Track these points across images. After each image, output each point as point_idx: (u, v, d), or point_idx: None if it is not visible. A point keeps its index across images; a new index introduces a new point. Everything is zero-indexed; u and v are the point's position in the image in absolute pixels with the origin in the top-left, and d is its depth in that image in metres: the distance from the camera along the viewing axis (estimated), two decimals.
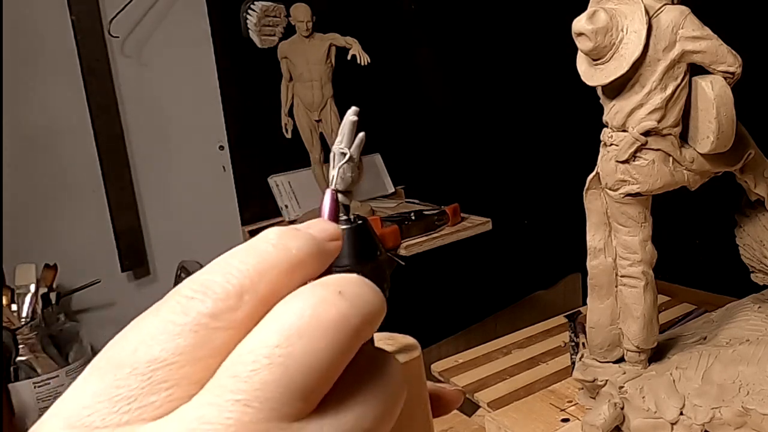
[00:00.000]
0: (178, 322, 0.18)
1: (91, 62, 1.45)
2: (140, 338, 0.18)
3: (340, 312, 0.18)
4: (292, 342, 0.17)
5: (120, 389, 0.17)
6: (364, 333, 0.19)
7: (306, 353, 0.17)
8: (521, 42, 1.91)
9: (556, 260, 2.02)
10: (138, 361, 0.17)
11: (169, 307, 0.18)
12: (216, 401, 0.17)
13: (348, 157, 0.25)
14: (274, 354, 0.17)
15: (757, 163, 0.76)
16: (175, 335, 0.17)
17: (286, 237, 0.20)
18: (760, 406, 0.68)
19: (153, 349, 0.17)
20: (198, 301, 0.18)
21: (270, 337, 0.17)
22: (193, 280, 0.19)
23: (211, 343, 0.18)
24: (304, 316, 0.18)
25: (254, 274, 0.19)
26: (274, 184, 1.72)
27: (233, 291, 0.18)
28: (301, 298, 0.18)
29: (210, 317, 0.18)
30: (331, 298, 0.18)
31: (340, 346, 0.18)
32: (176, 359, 0.17)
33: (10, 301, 1.25)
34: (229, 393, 0.17)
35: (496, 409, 0.90)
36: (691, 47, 0.64)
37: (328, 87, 1.56)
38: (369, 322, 0.19)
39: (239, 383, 0.17)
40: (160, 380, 0.17)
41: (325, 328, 0.18)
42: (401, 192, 1.86)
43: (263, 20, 1.61)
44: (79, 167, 1.48)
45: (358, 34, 1.55)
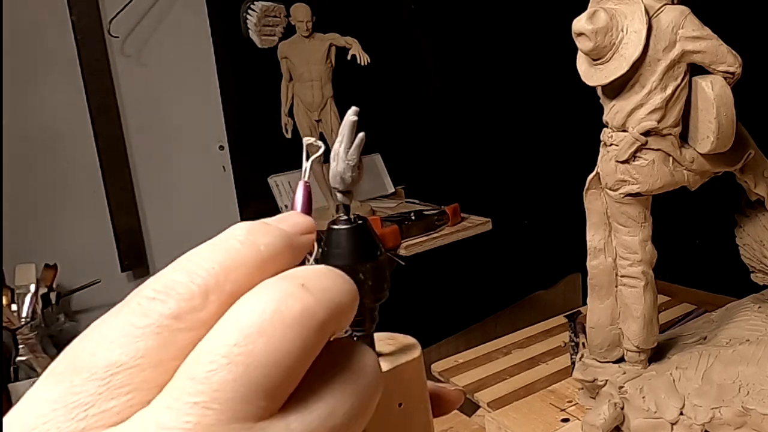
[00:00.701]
0: (139, 324, 0.17)
1: (91, 62, 1.45)
2: (99, 342, 0.17)
3: (304, 305, 0.17)
4: (252, 339, 0.17)
5: (77, 395, 0.16)
6: (330, 326, 0.18)
7: (267, 351, 0.17)
8: (521, 42, 1.91)
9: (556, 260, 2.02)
10: (96, 366, 0.17)
11: (130, 309, 0.17)
12: (174, 405, 0.16)
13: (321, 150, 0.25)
14: (232, 353, 0.16)
15: (757, 163, 0.76)
16: (135, 338, 0.17)
17: (255, 233, 0.19)
18: (760, 406, 0.68)
19: (112, 352, 0.17)
20: (159, 302, 0.17)
21: (228, 336, 0.17)
22: (156, 280, 0.18)
23: (173, 345, 0.17)
24: (265, 312, 0.17)
25: (220, 272, 0.18)
26: (274, 184, 1.72)
27: (198, 291, 0.17)
28: (262, 294, 0.18)
29: (172, 318, 0.17)
30: (295, 292, 0.17)
31: (305, 342, 0.17)
32: (137, 363, 0.17)
33: (10, 301, 1.25)
34: (187, 395, 0.16)
35: (496, 409, 0.90)
36: (691, 47, 0.64)
37: (328, 87, 1.56)
38: (336, 314, 0.18)
39: (197, 385, 0.16)
40: (119, 385, 0.16)
41: (288, 324, 0.17)
42: (401, 192, 1.86)
43: (263, 20, 1.61)
44: (79, 167, 1.48)
45: (358, 34, 1.55)
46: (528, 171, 2.03)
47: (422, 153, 1.94)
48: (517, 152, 2.01)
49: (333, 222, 0.24)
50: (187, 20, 1.58)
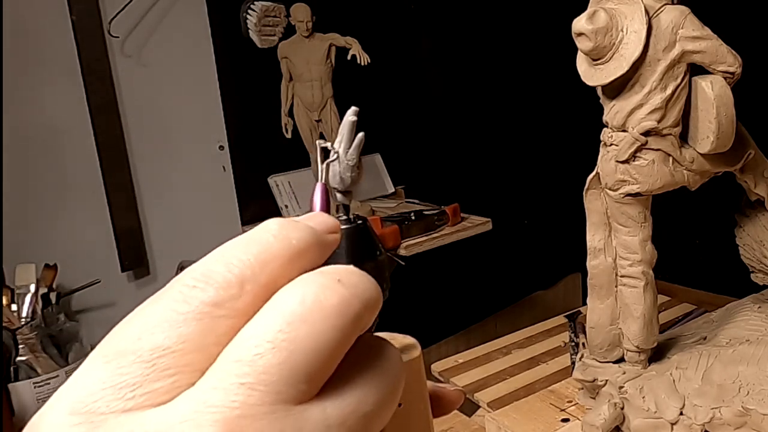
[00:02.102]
0: (181, 311, 0.18)
1: (91, 62, 1.45)
2: (143, 326, 0.18)
3: (342, 298, 0.18)
4: (295, 327, 0.18)
5: (124, 376, 0.17)
6: (364, 319, 0.19)
7: (309, 337, 0.18)
8: (521, 42, 1.91)
9: (556, 260, 2.02)
10: (142, 349, 0.17)
11: (171, 296, 0.18)
12: (221, 385, 0.17)
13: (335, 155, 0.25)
14: (277, 338, 0.17)
15: (757, 163, 0.76)
16: (178, 323, 0.18)
17: (287, 228, 0.20)
18: (760, 406, 0.68)
19: (156, 336, 0.18)
20: (200, 290, 0.18)
21: (273, 323, 0.18)
22: (194, 270, 0.19)
23: (214, 331, 0.18)
24: (306, 301, 0.18)
25: (255, 264, 0.19)
26: (274, 184, 1.72)
27: (235, 280, 0.18)
28: (302, 285, 0.19)
29: (212, 306, 0.18)
30: (332, 285, 0.19)
31: (342, 331, 0.18)
32: (180, 347, 0.17)
33: (10, 301, 1.25)
34: (233, 377, 0.17)
35: (496, 409, 0.90)
36: (691, 47, 0.64)
37: (328, 87, 1.56)
38: (368, 308, 0.19)
39: (243, 367, 0.17)
40: (164, 367, 0.17)
41: (327, 313, 0.18)
42: (401, 192, 1.86)
43: (263, 20, 1.61)
44: (79, 167, 1.48)
45: (358, 34, 1.55)
46: (528, 171, 2.03)
47: (422, 153, 1.94)
48: (517, 152, 2.01)
49: None
50: (187, 20, 1.58)
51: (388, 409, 0.20)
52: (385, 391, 0.19)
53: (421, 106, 1.94)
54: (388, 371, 0.20)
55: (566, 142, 1.66)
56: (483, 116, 1.99)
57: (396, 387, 0.20)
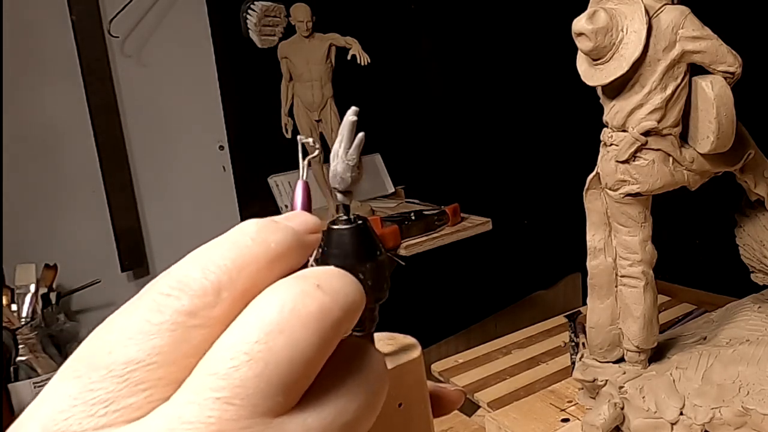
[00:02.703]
0: (154, 321, 0.17)
1: (91, 62, 1.45)
2: (115, 339, 0.17)
3: (321, 305, 0.18)
4: (272, 337, 0.17)
5: (96, 392, 0.17)
6: (344, 325, 0.18)
7: (287, 348, 0.17)
8: (521, 42, 1.91)
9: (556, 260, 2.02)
10: (114, 363, 0.17)
11: (145, 305, 0.18)
12: (196, 400, 0.16)
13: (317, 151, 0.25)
14: (253, 350, 0.17)
15: (757, 163, 0.76)
16: (151, 335, 0.17)
17: (266, 230, 0.19)
18: (760, 406, 0.68)
19: (129, 349, 0.17)
20: (174, 299, 0.18)
21: (249, 333, 0.17)
22: (169, 276, 0.18)
23: (188, 342, 0.17)
24: (284, 310, 0.17)
25: (233, 269, 0.18)
26: (274, 184, 1.72)
27: (211, 287, 0.18)
28: (280, 292, 0.18)
29: (187, 315, 0.17)
30: (311, 291, 0.18)
31: (321, 340, 0.18)
32: (153, 360, 0.17)
33: (10, 301, 1.25)
34: (209, 391, 0.16)
35: (496, 409, 0.90)
36: (691, 47, 0.64)
37: (328, 87, 1.56)
38: (349, 313, 0.19)
39: (219, 381, 0.16)
40: (138, 381, 0.17)
41: (305, 322, 0.17)
42: (401, 192, 1.86)
43: (263, 20, 1.61)
44: (79, 167, 1.48)
45: (358, 34, 1.55)
46: (528, 171, 2.03)
47: (422, 153, 1.94)
48: (517, 152, 2.01)
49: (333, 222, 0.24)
50: (187, 20, 1.58)
51: (370, 415, 0.19)
52: (366, 399, 0.19)
53: (421, 106, 1.94)
54: (369, 378, 0.19)
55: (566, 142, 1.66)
56: (483, 116, 1.99)
57: (378, 393, 0.20)
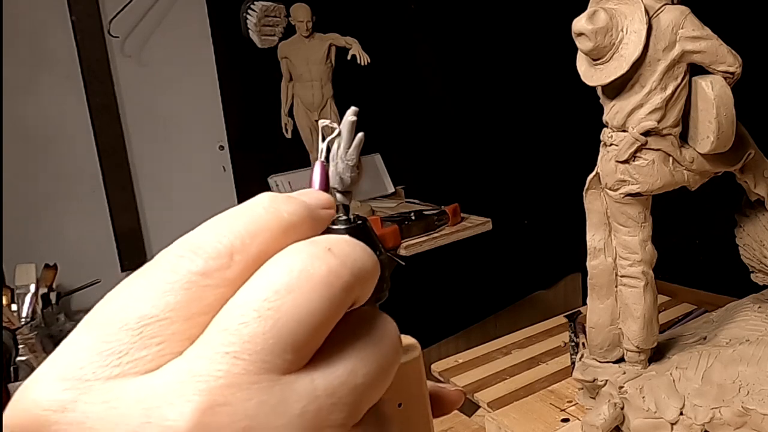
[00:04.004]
0: (169, 280, 0.18)
1: (91, 62, 1.45)
2: (130, 296, 0.18)
3: (330, 267, 0.18)
4: (281, 296, 0.17)
5: (110, 344, 0.17)
6: (355, 289, 0.19)
7: (296, 307, 0.17)
8: (521, 42, 1.91)
9: (556, 260, 2.02)
10: (128, 317, 0.17)
11: (159, 266, 0.18)
12: (206, 354, 0.17)
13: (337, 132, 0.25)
14: (263, 308, 0.17)
15: (757, 163, 0.76)
16: (165, 292, 0.18)
17: (279, 201, 0.20)
18: (760, 406, 0.68)
19: (143, 305, 0.18)
20: (188, 260, 0.18)
21: (259, 292, 0.18)
22: (183, 240, 0.19)
23: (202, 300, 0.18)
24: (293, 270, 0.18)
25: (245, 234, 0.19)
26: (274, 184, 1.72)
27: (224, 250, 0.18)
28: (290, 255, 0.18)
29: (200, 275, 0.18)
30: (321, 254, 0.18)
31: (330, 301, 0.18)
32: (167, 315, 0.17)
33: (10, 301, 1.25)
34: (219, 346, 0.17)
35: (496, 409, 0.90)
36: (691, 47, 0.64)
37: (328, 87, 1.56)
38: (360, 278, 0.19)
39: (229, 336, 0.17)
40: (151, 335, 0.17)
41: (314, 282, 0.18)
42: (401, 192, 1.86)
43: (263, 20, 1.61)
44: (79, 167, 1.48)
45: (358, 34, 1.55)
46: (528, 171, 2.03)
47: (422, 153, 1.94)
48: (517, 152, 2.01)
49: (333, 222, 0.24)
50: (187, 20, 1.58)
51: (381, 382, 0.19)
52: (378, 364, 0.19)
53: (421, 105, 1.93)
54: (381, 343, 0.20)
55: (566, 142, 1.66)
56: (483, 116, 1.99)
57: (390, 360, 0.20)
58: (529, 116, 1.98)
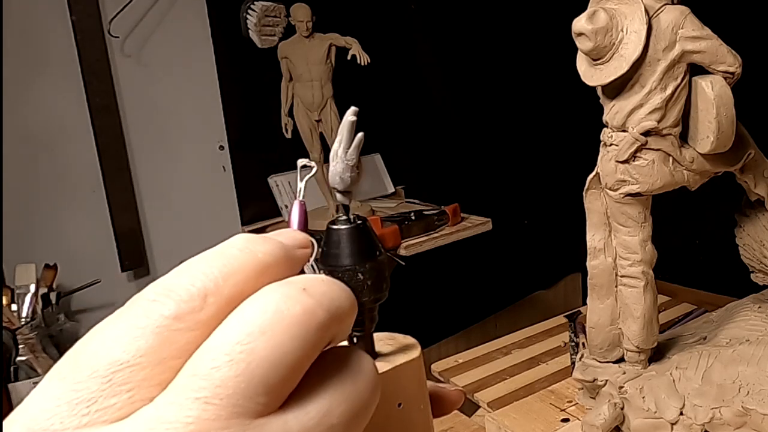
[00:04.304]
0: (140, 325, 0.17)
1: (91, 62, 1.45)
2: (101, 341, 0.18)
3: (305, 307, 0.18)
4: (253, 338, 0.17)
5: (79, 392, 0.17)
6: (330, 329, 0.19)
7: (268, 348, 0.17)
8: (521, 42, 1.91)
9: (556, 260, 2.02)
10: (98, 364, 0.17)
11: (132, 311, 0.18)
12: (176, 400, 0.16)
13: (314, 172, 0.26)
14: (234, 350, 0.17)
15: (757, 163, 0.76)
16: (136, 337, 0.17)
17: (253, 242, 0.20)
18: (760, 406, 0.68)
19: (114, 351, 0.17)
20: (160, 304, 0.18)
21: (231, 335, 0.17)
22: (156, 284, 0.19)
23: (173, 344, 0.17)
24: (266, 311, 0.18)
25: (219, 276, 0.18)
26: (274, 184, 1.72)
27: (197, 293, 0.18)
28: (264, 296, 0.18)
29: (172, 319, 0.18)
30: (296, 295, 0.18)
31: (305, 342, 0.18)
32: (138, 361, 0.17)
33: (10, 301, 1.25)
34: (189, 391, 0.17)
35: (496, 409, 0.90)
36: (691, 47, 0.64)
37: (328, 87, 1.56)
38: (336, 318, 0.19)
39: (199, 381, 0.17)
40: (121, 382, 0.17)
41: (288, 323, 0.17)
42: (401, 192, 1.86)
43: (263, 20, 1.61)
44: (79, 167, 1.48)
45: (358, 34, 1.55)
46: (528, 171, 2.03)
47: (422, 153, 1.94)
48: (517, 152, 2.01)
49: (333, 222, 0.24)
50: (187, 20, 1.58)
51: (357, 421, 0.19)
52: (353, 403, 0.19)
53: (420, 105, 1.93)
54: (357, 382, 0.19)
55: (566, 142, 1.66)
56: (483, 116, 1.99)
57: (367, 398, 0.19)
58: (529, 116, 1.98)
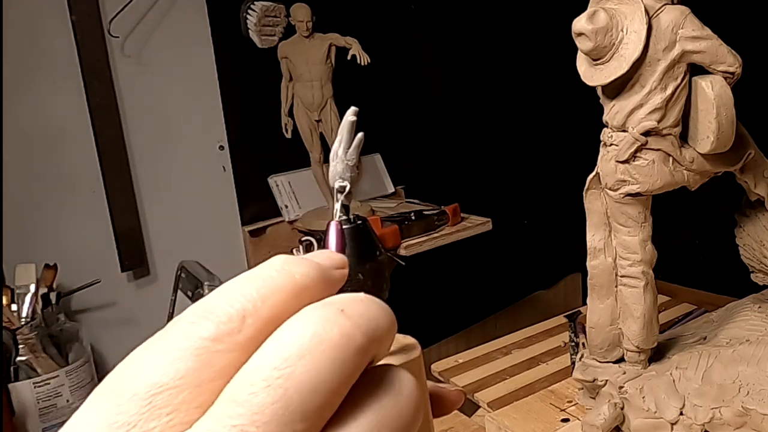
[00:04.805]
0: (180, 347, 0.18)
1: (91, 62, 1.45)
2: (142, 364, 0.18)
3: (343, 330, 0.18)
4: (291, 363, 0.17)
5: (119, 415, 0.17)
6: (370, 351, 0.18)
7: (306, 374, 0.17)
8: (521, 42, 1.91)
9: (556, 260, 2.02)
10: (138, 386, 0.17)
11: (172, 333, 0.18)
12: (213, 428, 0.16)
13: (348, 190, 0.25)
14: (272, 376, 0.17)
15: (757, 163, 0.76)
16: (175, 359, 0.17)
17: (290, 263, 0.20)
18: (760, 406, 0.68)
19: (153, 373, 0.17)
20: (199, 326, 0.18)
21: (269, 360, 0.17)
22: (196, 306, 0.19)
23: (213, 366, 0.17)
24: (304, 336, 0.17)
25: (257, 298, 0.18)
26: (274, 184, 1.72)
27: (235, 314, 0.18)
28: (302, 320, 0.18)
29: (211, 340, 0.18)
30: (334, 318, 0.18)
31: (343, 366, 0.18)
32: (177, 383, 0.17)
33: (10, 301, 1.25)
34: (227, 418, 0.16)
35: (496, 409, 0.90)
36: (691, 47, 0.64)
37: (328, 87, 1.56)
38: (375, 339, 0.19)
39: (237, 408, 0.17)
40: (161, 405, 0.17)
41: (326, 348, 0.17)
42: (401, 192, 1.86)
43: (263, 20, 1.61)
44: (79, 167, 1.48)
45: (358, 34, 1.55)
46: (528, 171, 2.03)
47: (422, 153, 1.94)
48: (517, 152, 2.01)
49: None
50: (187, 20, 1.58)
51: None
52: (395, 424, 0.19)
53: (421, 105, 1.93)
54: (399, 404, 0.19)
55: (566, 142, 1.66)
56: (483, 116, 1.99)
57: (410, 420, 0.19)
58: (529, 116, 1.98)
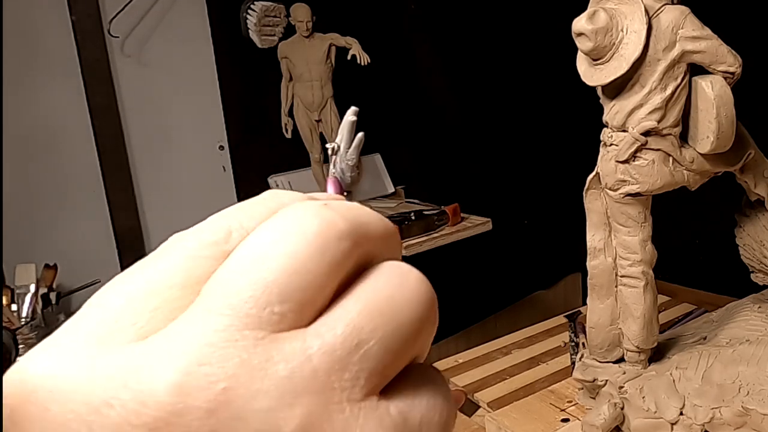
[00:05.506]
0: (168, 256, 0.18)
1: (91, 62, 1.45)
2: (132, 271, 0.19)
3: (323, 217, 0.18)
4: (265, 248, 0.17)
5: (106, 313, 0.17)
6: (356, 243, 0.18)
7: (281, 257, 0.17)
8: (521, 42, 1.91)
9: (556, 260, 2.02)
10: (127, 289, 0.18)
11: (165, 247, 0.19)
12: (188, 317, 0.17)
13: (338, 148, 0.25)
14: (244, 263, 0.17)
15: (757, 163, 0.76)
16: (158, 266, 0.18)
17: (279, 193, 0.20)
18: (760, 406, 0.68)
19: (145, 278, 0.18)
20: (186, 241, 0.19)
21: (244, 249, 0.17)
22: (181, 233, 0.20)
23: (198, 269, 0.18)
24: (282, 224, 0.18)
25: (243, 217, 0.19)
26: (274, 184, 1.72)
27: (221, 230, 0.18)
28: (281, 213, 0.18)
29: (197, 249, 0.18)
30: (314, 209, 0.18)
31: (323, 250, 0.17)
32: (168, 284, 0.18)
33: (10, 301, 1.25)
34: (201, 307, 0.17)
35: (496, 409, 0.90)
36: (691, 47, 0.64)
37: (328, 87, 1.56)
38: (362, 232, 0.18)
39: (211, 296, 0.17)
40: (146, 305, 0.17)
41: (303, 231, 0.17)
42: (401, 192, 1.86)
43: (263, 20, 1.61)
44: (79, 167, 1.48)
45: (358, 34, 1.55)
46: (528, 171, 2.03)
47: (422, 153, 1.94)
48: (517, 152, 2.01)
49: None
50: (187, 20, 1.58)
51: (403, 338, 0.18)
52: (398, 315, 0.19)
53: (421, 105, 1.93)
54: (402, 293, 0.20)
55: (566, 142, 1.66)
56: (483, 116, 1.99)
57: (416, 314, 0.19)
58: (529, 116, 1.98)
